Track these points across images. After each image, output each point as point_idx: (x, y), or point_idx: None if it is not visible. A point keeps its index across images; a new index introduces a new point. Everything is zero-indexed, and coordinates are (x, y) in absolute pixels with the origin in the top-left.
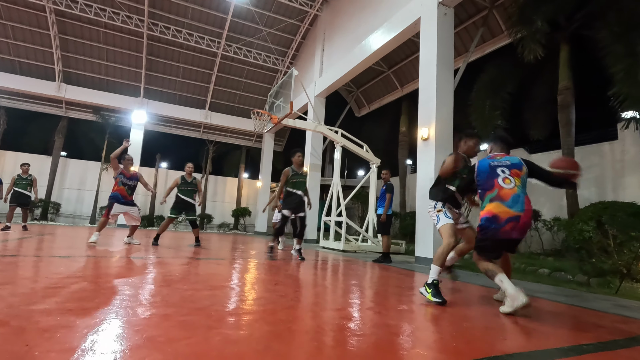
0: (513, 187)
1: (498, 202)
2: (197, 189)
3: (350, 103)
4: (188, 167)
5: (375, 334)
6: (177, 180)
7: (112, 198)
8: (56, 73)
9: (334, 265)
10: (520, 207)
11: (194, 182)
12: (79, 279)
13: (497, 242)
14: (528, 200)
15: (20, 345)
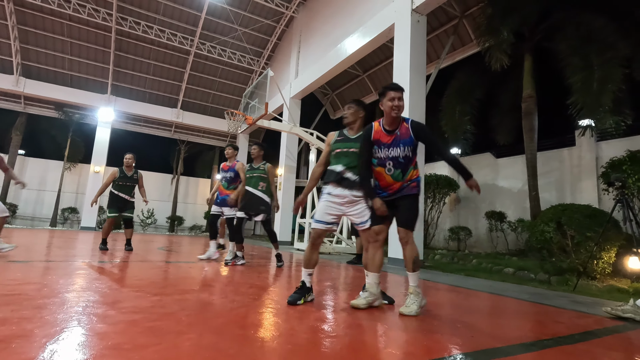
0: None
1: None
2: (137, 184)
3: (325, 105)
4: (127, 159)
5: (348, 334)
6: (114, 173)
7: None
8: (14, 66)
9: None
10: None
11: (134, 176)
12: (37, 285)
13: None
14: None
15: None
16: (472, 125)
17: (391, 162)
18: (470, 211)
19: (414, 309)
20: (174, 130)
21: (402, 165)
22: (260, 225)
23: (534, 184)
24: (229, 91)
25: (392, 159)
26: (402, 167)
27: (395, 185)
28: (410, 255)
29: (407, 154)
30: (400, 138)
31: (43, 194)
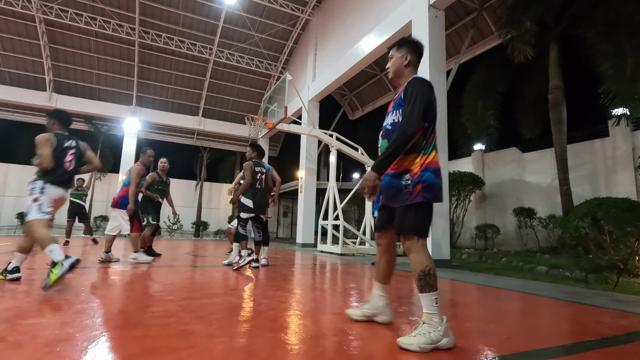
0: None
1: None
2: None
3: (343, 106)
4: (163, 163)
5: (379, 336)
6: (154, 176)
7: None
8: (47, 83)
9: (333, 269)
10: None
11: (167, 181)
12: (75, 291)
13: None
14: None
15: None
16: (495, 120)
17: (382, 132)
18: (496, 208)
19: (417, 342)
20: (196, 137)
21: (388, 135)
22: (284, 227)
23: (565, 178)
24: (248, 97)
25: (383, 129)
26: (388, 138)
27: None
28: (414, 268)
29: (395, 119)
30: (394, 101)
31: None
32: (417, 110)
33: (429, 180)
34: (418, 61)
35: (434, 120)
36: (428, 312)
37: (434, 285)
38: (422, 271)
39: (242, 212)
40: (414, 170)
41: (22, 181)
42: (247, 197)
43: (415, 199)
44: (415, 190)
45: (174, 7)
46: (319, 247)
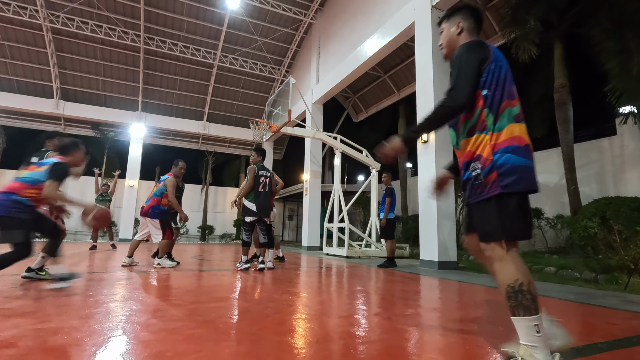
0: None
1: (522, 123)
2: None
3: (347, 109)
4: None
5: (384, 340)
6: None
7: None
8: (54, 90)
9: (339, 272)
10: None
11: (183, 187)
12: (83, 296)
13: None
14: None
15: None
16: None
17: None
18: None
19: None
20: (202, 141)
21: (452, 123)
22: (289, 230)
23: (572, 178)
24: (252, 101)
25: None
26: (453, 126)
27: (460, 160)
28: (500, 283)
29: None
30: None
31: None
32: (464, 77)
33: (507, 164)
34: (476, 27)
35: (499, 85)
36: (526, 343)
37: (529, 306)
38: (510, 287)
39: (246, 215)
40: (483, 154)
41: None
42: (250, 200)
43: (491, 192)
44: (488, 180)
45: (178, 14)
46: (324, 250)
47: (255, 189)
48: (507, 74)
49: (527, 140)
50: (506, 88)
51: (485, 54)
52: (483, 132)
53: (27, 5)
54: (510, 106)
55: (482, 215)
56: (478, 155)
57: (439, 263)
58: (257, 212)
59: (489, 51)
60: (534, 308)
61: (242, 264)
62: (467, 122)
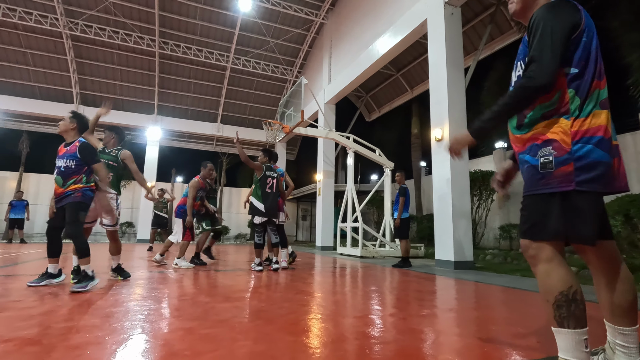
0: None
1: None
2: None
3: (360, 108)
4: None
5: (400, 340)
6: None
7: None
8: (74, 95)
9: (353, 272)
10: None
11: (217, 188)
12: (103, 295)
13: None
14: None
15: None
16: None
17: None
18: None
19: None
20: (216, 143)
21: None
22: (303, 230)
23: None
24: (265, 102)
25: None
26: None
27: (515, 147)
28: (547, 288)
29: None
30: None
31: None
32: (549, 48)
33: (589, 157)
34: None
35: (591, 61)
36: (570, 359)
37: (581, 317)
38: (563, 295)
39: (255, 215)
40: (559, 141)
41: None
42: (258, 200)
43: (561, 186)
44: (561, 172)
45: (191, 18)
46: (338, 250)
47: (262, 190)
48: (598, 48)
49: (610, 132)
50: (598, 65)
51: (576, 19)
52: (563, 117)
53: (47, 14)
54: (598, 88)
55: (538, 209)
56: (551, 141)
57: (454, 263)
58: (265, 212)
59: (581, 15)
60: (584, 320)
61: (255, 265)
62: (543, 105)
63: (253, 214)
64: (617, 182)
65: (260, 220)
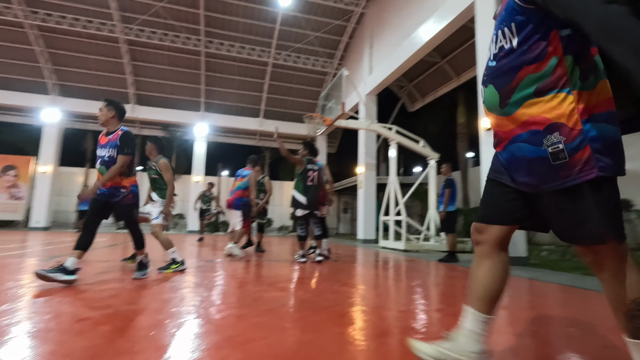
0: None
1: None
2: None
3: (402, 98)
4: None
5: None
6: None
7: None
8: (130, 96)
9: (397, 266)
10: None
11: (262, 180)
12: (161, 282)
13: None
14: None
15: (123, 342)
16: None
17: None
18: None
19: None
20: (259, 137)
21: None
22: (344, 223)
23: None
24: (306, 95)
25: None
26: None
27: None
28: (619, 297)
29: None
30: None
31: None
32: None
33: (604, 136)
34: None
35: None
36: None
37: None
38: (635, 302)
39: (297, 209)
40: (566, 123)
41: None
42: (300, 193)
43: (583, 175)
44: (577, 159)
45: (234, 16)
46: (380, 243)
47: (304, 183)
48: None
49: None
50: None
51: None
52: (563, 91)
53: (106, 21)
54: (595, 53)
55: (573, 208)
56: (557, 125)
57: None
58: (307, 205)
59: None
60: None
61: (299, 257)
62: (534, 76)
63: (295, 207)
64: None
65: (302, 213)
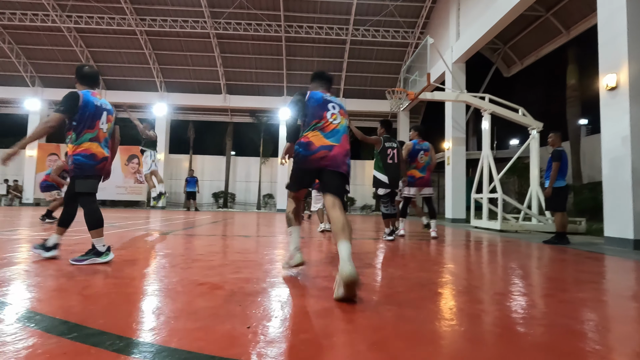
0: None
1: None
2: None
3: (496, 63)
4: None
5: (565, 325)
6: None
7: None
8: (221, 87)
9: (492, 247)
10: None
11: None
12: (258, 255)
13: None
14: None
15: (235, 305)
16: None
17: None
18: None
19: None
20: None
21: None
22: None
23: None
24: (386, 70)
25: None
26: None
27: None
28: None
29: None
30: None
31: (249, 184)
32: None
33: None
34: None
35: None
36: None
37: None
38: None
39: (379, 188)
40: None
41: (213, 169)
42: (381, 172)
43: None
44: None
45: None
46: (472, 223)
47: (384, 162)
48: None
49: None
50: None
51: None
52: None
53: (198, 19)
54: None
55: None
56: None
57: (634, 242)
58: (389, 183)
59: None
60: None
61: (386, 235)
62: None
63: (377, 186)
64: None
65: (385, 192)
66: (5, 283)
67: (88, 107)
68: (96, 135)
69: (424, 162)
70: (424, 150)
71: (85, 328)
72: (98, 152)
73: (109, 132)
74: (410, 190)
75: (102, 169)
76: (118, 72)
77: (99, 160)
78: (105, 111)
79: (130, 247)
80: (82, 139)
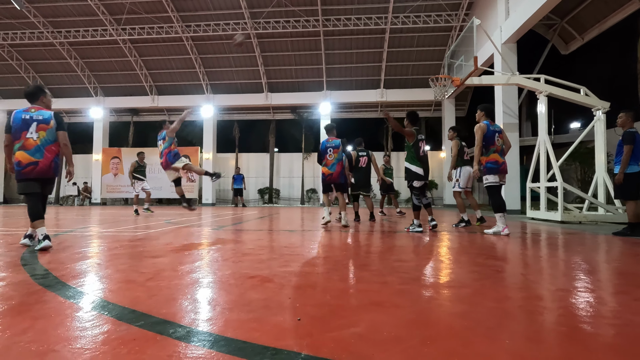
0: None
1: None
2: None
3: (552, 40)
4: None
5: (631, 323)
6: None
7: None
8: (263, 85)
9: (553, 239)
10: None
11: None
12: (304, 249)
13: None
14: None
15: (285, 297)
16: None
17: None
18: None
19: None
20: (380, 109)
21: None
22: (479, 192)
23: None
24: (428, 57)
25: None
26: None
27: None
28: None
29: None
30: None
31: (292, 180)
32: None
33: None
34: None
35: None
36: None
37: None
38: None
39: (414, 180)
40: None
41: (257, 166)
42: (415, 165)
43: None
44: None
45: None
46: (528, 214)
47: (417, 154)
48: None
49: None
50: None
51: None
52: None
53: (238, 20)
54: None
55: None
56: None
57: None
58: (424, 176)
59: None
60: None
61: (415, 227)
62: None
63: (411, 178)
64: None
65: (420, 184)
66: (82, 275)
67: (15, 122)
68: (22, 145)
69: (500, 144)
70: (497, 132)
71: (151, 317)
72: (23, 159)
73: (47, 140)
74: (496, 177)
75: (29, 172)
76: (168, 78)
77: (23, 166)
78: (36, 122)
79: (185, 241)
80: (14, 149)
